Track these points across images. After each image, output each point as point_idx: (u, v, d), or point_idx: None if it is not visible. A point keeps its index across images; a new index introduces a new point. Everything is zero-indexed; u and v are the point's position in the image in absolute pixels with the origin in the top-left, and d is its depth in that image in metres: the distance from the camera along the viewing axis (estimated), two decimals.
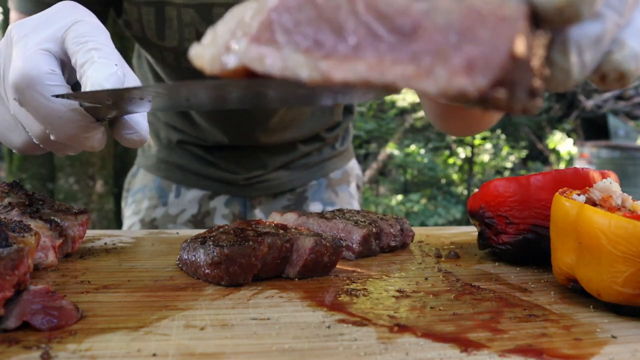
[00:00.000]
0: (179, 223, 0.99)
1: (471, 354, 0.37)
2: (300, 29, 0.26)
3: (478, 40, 0.22)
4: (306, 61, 0.25)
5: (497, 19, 0.22)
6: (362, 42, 0.24)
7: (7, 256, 0.38)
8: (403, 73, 0.23)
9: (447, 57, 0.22)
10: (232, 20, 0.29)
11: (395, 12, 0.24)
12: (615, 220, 0.42)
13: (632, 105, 6.72)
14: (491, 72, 0.21)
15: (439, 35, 0.22)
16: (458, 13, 0.22)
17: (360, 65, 0.24)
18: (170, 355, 0.35)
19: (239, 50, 0.28)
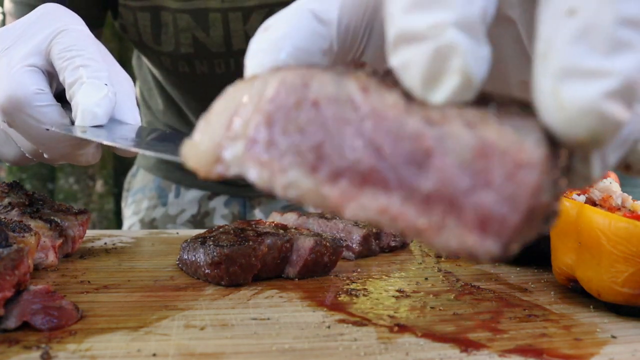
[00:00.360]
0: (179, 223, 0.99)
1: (471, 354, 0.37)
2: (305, 138, 0.23)
3: (492, 185, 0.19)
4: (310, 185, 0.23)
5: (514, 165, 0.19)
6: (370, 173, 0.22)
7: (7, 256, 0.38)
8: (414, 224, 0.21)
9: (460, 207, 0.20)
10: (226, 110, 0.26)
11: (406, 136, 0.21)
12: (615, 220, 0.42)
13: None
14: (505, 236, 0.19)
15: (451, 173, 0.20)
16: (473, 148, 0.20)
17: (371, 204, 0.22)
18: (170, 355, 0.35)
19: (235, 158, 0.25)
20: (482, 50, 0.20)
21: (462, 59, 0.20)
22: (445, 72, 0.20)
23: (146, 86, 1.00)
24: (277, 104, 0.24)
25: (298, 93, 0.24)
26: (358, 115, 0.22)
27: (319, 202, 0.23)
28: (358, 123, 0.22)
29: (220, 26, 0.80)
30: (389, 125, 0.22)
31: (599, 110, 0.19)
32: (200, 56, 0.83)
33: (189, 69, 0.85)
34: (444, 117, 0.21)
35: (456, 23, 0.20)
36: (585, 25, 0.19)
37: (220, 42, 0.81)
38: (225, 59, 0.83)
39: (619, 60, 0.19)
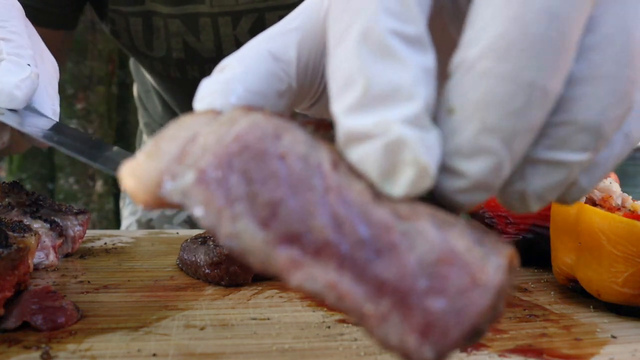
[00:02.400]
0: (175, 223, 0.99)
1: (471, 354, 0.37)
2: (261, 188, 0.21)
3: (446, 294, 0.19)
4: (260, 240, 0.21)
5: (472, 282, 0.19)
6: (325, 246, 0.21)
7: (7, 256, 0.38)
8: (359, 309, 0.20)
9: (409, 307, 0.20)
10: (179, 137, 0.24)
11: (375, 225, 0.21)
12: (615, 220, 0.42)
13: None
14: (443, 346, 0.19)
15: (411, 271, 0.20)
16: (438, 249, 0.20)
17: (320, 277, 0.20)
18: (170, 355, 0.35)
19: (182, 186, 0.22)
20: (430, 138, 0.21)
21: (413, 151, 0.20)
22: (399, 166, 0.21)
23: (144, 88, 1.00)
24: (241, 145, 0.22)
25: (267, 141, 0.22)
26: (324, 185, 0.21)
27: (264, 261, 0.21)
28: (323, 193, 0.21)
29: (211, 31, 0.79)
30: (354, 207, 0.21)
31: (455, 200, 0.22)
32: (192, 61, 0.83)
33: (180, 74, 0.85)
34: (414, 214, 0.21)
35: (401, 119, 0.20)
36: (455, 127, 0.21)
37: (211, 47, 0.81)
38: (216, 64, 0.83)
39: (474, 164, 0.21)
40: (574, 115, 0.22)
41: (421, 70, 0.21)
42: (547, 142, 0.22)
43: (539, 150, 0.22)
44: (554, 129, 0.22)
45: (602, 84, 0.22)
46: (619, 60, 0.22)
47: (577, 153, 0.22)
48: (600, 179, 0.25)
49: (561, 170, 0.23)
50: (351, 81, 0.21)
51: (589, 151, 0.22)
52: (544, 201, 0.23)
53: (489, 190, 0.22)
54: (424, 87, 0.21)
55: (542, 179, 0.23)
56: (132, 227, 1.01)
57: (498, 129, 0.20)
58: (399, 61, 0.21)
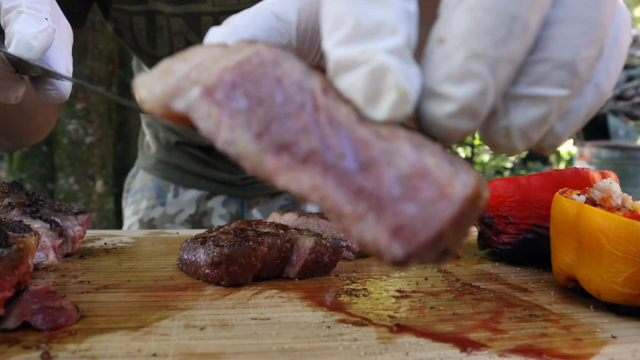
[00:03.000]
0: (177, 223, 0.99)
1: (471, 354, 0.37)
2: (258, 106, 0.24)
3: (417, 202, 0.22)
4: (254, 148, 0.24)
5: (440, 193, 0.22)
6: (312, 154, 0.23)
7: (7, 256, 0.38)
8: (339, 208, 0.23)
9: (383, 209, 0.22)
10: (192, 59, 0.27)
11: (357, 140, 0.23)
12: (615, 220, 0.42)
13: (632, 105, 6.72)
14: (412, 247, 0.22)
15: (388, 181, 0.22)
16: (413, 164, 0.22)
17: (305, 180, 0.23)
18: (170, 355, 0.35)
19: (188, 99, 0.26)
20: (411, 70, 0.23)
21: (395, 77, 0.23)
22: (382, 90, 0.23)
23: None
24: (244, 68, 0.25)
25: (267, 66, 0.25)
26: (314, 105, 0.24)
27: (256, 165, 0.24)
28: (313, 112, 0.24)
29: None
30: (340, 126, 0.24)
31: (443, 125, 0.24)
32: None
33: None
34: (394, 135, 0.23)
35: (384, 49, 0.23)
36: (445, 55, 0.23)
37: None
38: None
39: (462, 88, 0.23)
40: (551, 53, 0.24)
41: (403, 11, 0.23)
42: (528, 80, 0.25)
43: (520, 87, 0.25)
44: (533, 66, 0.25)
45: (575, 26, 0.25)
46: (590, 5, 0.25)
47: (555, 88, 0.25)
48: (573, 127, 0.27)
49: (541, 105, 0.25)
50: (341, 20, 0.24)
51: (566, 88, 0.25)
52: (527, 138, 0.25)
53: (475, 116, 0.24)
54: (406, 24, 0.23)
55: (525, 114, 0.25)
56: (134, 227, 1.01)
57: (484, 55, 0.23)
58: (383, 2, 0.23)
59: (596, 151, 5.23)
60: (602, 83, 0.27)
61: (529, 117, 0.25)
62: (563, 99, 0.25)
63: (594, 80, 0.27)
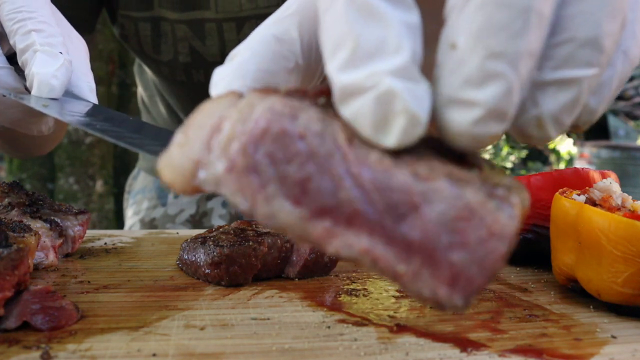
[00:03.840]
0: (178, 223, 1.00)
1: (471, 354, 0.37)
2: (291, 169, 0.23)
3: (467, 246, 0.22)
4: (296, 217, 0.23)
5: (489, 233, 0.22)
6: (355, 215, 0.22)
7: (7, 256, 0.38)
8: (393, 268, 0.22)
9: (436, 262, 0.22)
10: (205, 126, 0.25)
11: (395, 187, 0.22)
12: (615, 220, 0.42)
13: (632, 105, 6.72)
14: (470, 292, 0.22)
15: (431, 228, 0.22)
16: (455, 206, 0.22)
17: (354, 244, 0.23)
18: (170, 355, 0.35)
19: (214, 177, 0.24)
20: (419, 89, 0.22)
21: (403, 101, 0.21)
22: (391, 116, 0.22)
23: (148, 93, 1.01)
24: (263, 129, 0.23)
25: (285, 123, 0.23)
26: (344, 158, 0.23)
27: (301, 235, 0.23)
28: (345, 165, 0.23)
29: (216, 36, 0.81)
30: (376, 175, 0.23)
31: (471, 133, 0.22)
32: (197, 65, 0.85)
33: (186, 77, 0.86)
34: (432, 173, 0.22)
35: (389, 71, 0.22)
36: (460, 59, 0.22)
37: (216, 51, 0.83)
38: None
39: (485, 91, 0.22)
40: (572, 32, 0.23)
41: (405, 26, 0.22)
42: (552, 64, 0.23)
43: (545, 73, 0.23)
44: (556, 49, 0.23)
45: (593, 0, 0.23)
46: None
47: (583, 69, 0.23)
48: (608, 100, 0.26)
49: (571, 88, 0.23)
50: (341, 42, 0.23)
51: (594, 66, 0.23)
52: (561, 124, 0.24)
53: (503, 117, 0.22)
54: (409, 40, 0.22)
55: (555, 100, 0.24)
56: (135, 227, 1.02)
57: (503, 53, 0.21)
58: (383, 19, 0.22)
59: (596, 151, 5.23)
60: (630, 49, 0.26)
61: (560, 102, 0.24)
62: (592, 78, 0.24)
63: (621, 48, 0.26)
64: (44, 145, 0.78)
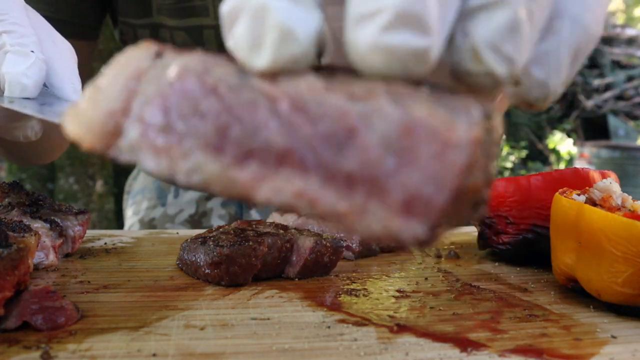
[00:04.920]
0: (177, 222, 1.00)
1: (471, 354, 0.37)
2: (205, 121, 0.21)
3: (418, 165, 0.18)
4: (218, 167, 0.21)
5: (443, 144, 0.18)
6: (285, 153, 0.20)
7: (7, 256, 0.38)
8: (334, 209, 0.19)
9: (383, 189, 0.19)
10: (118, 80, 0.24)
11: (327, 116, 0.20)
12: (615, 220, 0.42)
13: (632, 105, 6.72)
14: (431, 218, 0.18)
15: (374, 154, 0.19)
16: (399, 124, 0.19)
17: (286, 187, 0.20)
18: (170, 355, 0.35)
19: (131, 142, 0.23)
20: (302, 11, 0.21)
21: (276, 15, 0.20)
22: (264, 32, 0.21)
23: None
24: (176, 89, 0.22)
25: (197, 78, 0.22)
26: (268, 97, 0.21)
27: (227, 186, 0.21)
28: (269, 105, 0.21)
29: (214, 42, 0.82)
30: (306, 105, 0.20)
31: (382, 45, 0.19)
32: None
33: None
34: (370, 93, 0.20)
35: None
36: None
37: None
38: None
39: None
40: None
41: None
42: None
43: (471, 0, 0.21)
44: None
45: None
46: None
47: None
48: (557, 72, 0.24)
49: (503, 8, 0.21)
50: None
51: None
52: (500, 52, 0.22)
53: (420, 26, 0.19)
54: None
55: (487, 25, 0.21)
56: (134, 227, 1.02)
57: None
58: None
59: (596, 151, 5.23)
60: (580, 16, 0.24)
61: (492, 26, 0.21)
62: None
63: (566, 14, 0.24)
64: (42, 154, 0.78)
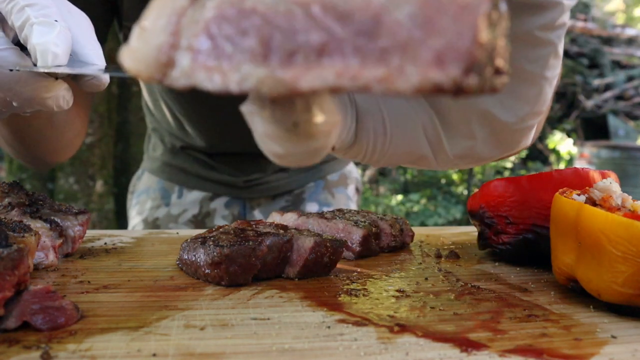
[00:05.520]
0: (180, 222, 1.00)
1: (471, 354, 0.37)
2: (249, 38, 0.24)
3: (442, 31, 0.22)
4: (263, 72, 0.24)
5: (458, 8, 0.22)
6: (324, 47, 0.23)
7: (7, 256, 0.38)
8: (375, 76, 0.22)
9: (415, 52, 0.22)
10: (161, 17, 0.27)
11: (354, 10, 0.23)
12: (615, 220, 0.42)
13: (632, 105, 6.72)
14: (461, 61, 0.21)
15: (402, 30, 0.22)
16: (417, 3, 0.22)
17: (328, 71, 0.23)
18: (170, 355, 0.35)
19: (184, 69, 0.25)
20: None
21: None
22: None
23: (152, 97, 1.02)
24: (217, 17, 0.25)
25: (235, 5, 0.25)
26: (301, 5, 0.24)
27: (276, 87, 0.23)
28: (304, 11, 0.23)
29: None
30: (335, 3, 0.23)
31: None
32: None
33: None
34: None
35: None
36: None
37: None
38: None
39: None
40: None
41: None
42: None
43: None
44: None
45: None
46: None
47: None
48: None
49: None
50: None
51: None
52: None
53: None
54: None
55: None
56: (138, 227, 1.02)
57: None
58: None
59: (596, 151, 5.23)
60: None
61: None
62: None
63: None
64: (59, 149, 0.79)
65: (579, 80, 6.58)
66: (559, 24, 0.33)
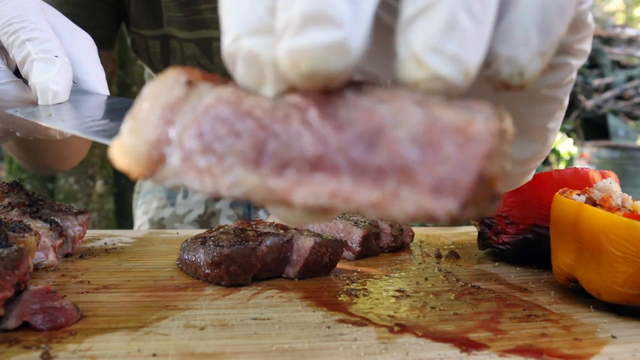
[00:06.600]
0: (186, 222, 1.01)
1: (471, 354, 0.37)
2: (242, 141, 0.23)
3: (444, 160, 0.21)
4: (257, 178, 0.23)
5: (465, 138, 0.21)
6: (318, 160, 0.22)
7: (7, 256, 0.38)
8: (369, 199, 0.21)
9: (413, 177, 0.21)
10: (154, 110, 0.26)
11: (357, 120, 0.22)
12: (615, 220, 0.42)
13: (632, 105, 6.72)
14: (460, 196, 0.20)
15: (402, 149, 0.21)
16: (424, 123, 0.21)
17: (321, 190, 0.22)
18: (170, 355, 0.35)
19: (174, 168, 0.24)
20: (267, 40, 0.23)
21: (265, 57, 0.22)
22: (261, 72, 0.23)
23: None
24: (212, 117, 0.24)
25: (232, 106, 0.24)
26: (299, 110, 0.23)
27: (266, 196, 0.23)
28: (301, 116, 0.23)
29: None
30: (337, 110, 0.22)
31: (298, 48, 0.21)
32: None
33: None
34: (395, 96, 0.22)
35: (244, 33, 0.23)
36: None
37: (223, 69, 0.86)
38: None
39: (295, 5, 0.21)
40: None
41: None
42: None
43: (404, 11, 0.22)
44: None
45: None
46: None
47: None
48: (524, 43, 0.24)
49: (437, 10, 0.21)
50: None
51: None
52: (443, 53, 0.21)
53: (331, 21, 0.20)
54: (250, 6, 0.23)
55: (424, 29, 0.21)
56: (144, 227, 1.03)
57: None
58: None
59: (596, 151, 5.23)
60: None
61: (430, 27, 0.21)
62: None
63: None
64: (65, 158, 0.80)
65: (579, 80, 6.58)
66: (567, 82, 0.32)
